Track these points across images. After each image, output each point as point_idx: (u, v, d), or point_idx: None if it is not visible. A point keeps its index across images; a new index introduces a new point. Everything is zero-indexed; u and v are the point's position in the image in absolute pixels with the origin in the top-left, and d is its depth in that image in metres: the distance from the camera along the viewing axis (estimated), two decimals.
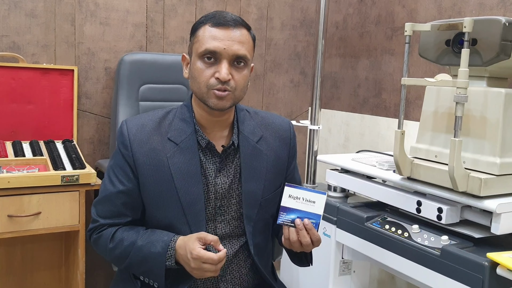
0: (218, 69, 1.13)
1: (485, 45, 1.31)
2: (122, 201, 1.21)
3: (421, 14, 2.08)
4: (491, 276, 1.19)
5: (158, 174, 1.19)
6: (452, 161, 1.27)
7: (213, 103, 1.16)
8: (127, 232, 1.21)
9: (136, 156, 1.19)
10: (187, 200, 1.18)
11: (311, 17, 2.70)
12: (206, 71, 1.14)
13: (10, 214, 1.65)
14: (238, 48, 1.14)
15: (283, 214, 1.15)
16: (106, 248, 1.22)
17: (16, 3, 2.01)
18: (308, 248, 1.15)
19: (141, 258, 1.17)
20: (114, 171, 1.23)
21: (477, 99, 1.35)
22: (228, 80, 1.13)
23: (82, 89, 2.17)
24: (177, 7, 2.33)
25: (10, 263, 2.06)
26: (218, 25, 1.14)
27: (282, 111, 2.70)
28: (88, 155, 2.21)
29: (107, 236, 1.22)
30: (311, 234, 1.13)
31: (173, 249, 1.14)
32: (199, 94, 1.17)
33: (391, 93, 2.24)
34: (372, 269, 2.18)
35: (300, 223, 1.12)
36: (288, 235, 1.14)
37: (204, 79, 1.15)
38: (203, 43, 1.14)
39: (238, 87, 1.16)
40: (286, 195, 1.15)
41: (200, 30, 1.16)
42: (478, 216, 1.34)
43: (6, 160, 1.78)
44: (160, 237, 1.18)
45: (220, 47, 1.13)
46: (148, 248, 1.16)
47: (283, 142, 1.33)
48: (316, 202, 1.13)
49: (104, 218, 1.23)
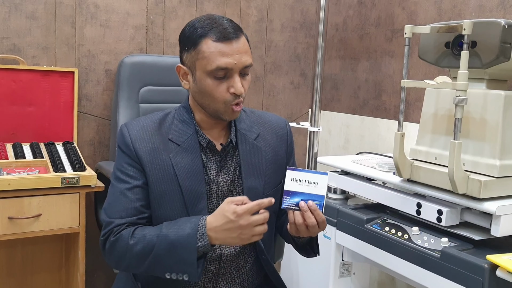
0: (232, 83, 1.15)
1: (485, 47, 1.32)
2: (138, 196, 1.18)
3: (420, 16, 2.08)
4: (491, 278, 1.19)
5: (162, 173, 1.19)
6: (451, 163, 1.27)
7: (230, 117, 1.19)
8: (149, 228, 1.15)
9: (139, 154, 1.19)
10: (190, 199, 1.19)
11: (311, 19, 2.70)
12: (220, 87, 1.15)
13: (11, 216, 1.66)
14: (246, 59, 1.15)
15: (287, 198, 1.14)
16: (126, 247, 1.13)
17: (16, 6, 2.01)
18: (314, 230, 1.15)
19: (168, 246, 1.10)
20: (123, 170, 1.20)
21: (477, 101, 1.35)
22: (242, 92, 1.16)
23: (83, 91, 2.17)
24: (177, 9, 2.33)
25: (10, 265, 2.06)
26: (222, 39, 1.13)
27: (282, 112, 2.70)
28: (89, 157, 2.21)
29: (127, 235, 1.14)
30: (316, 215, 1.12)
31: (204, 226, 1.09)
32: (213, 109, 1.18)
33: (391, 95, 2.25)
34: (372, 271, 2.17)
35: (305, 205, 1.12)
36: (293, 219, 1.14)
37: (219, 96, 1.15)
38: (213, 61, 1.13)
39: (245, 94, 1.19)
40: (288, 179, 1.14)
41: (203, 45, 1.14)
42: (478, 218, 1.34)
43: (6, 162, 1.78)
44: (187, 220, 1.13)
45: (231, 63, 1.13)
46: (175, 232, 1.10)
47: (280, 139, 1.34)
48: (318, 183, 1.13)
49: (120, 217, 1.17)
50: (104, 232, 1.18)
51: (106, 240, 1.17)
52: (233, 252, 1.24)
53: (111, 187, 1.22)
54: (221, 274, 1.24)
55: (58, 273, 2.15)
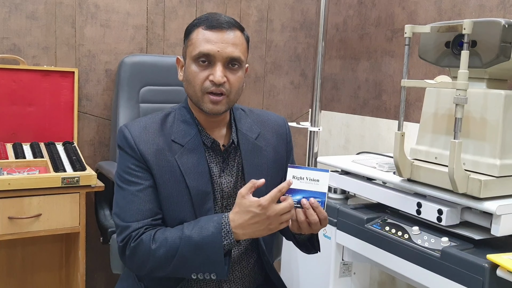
0: (213, 72, 1.14)
1: (485, 47, 1.32)
2: (150, 197, 1.16)
3: (421, 16, 2.08)
4: (491, 277, 1.18)
5: (168, 174, 1.17)
6: (452, 162, 1.27)
7: (208, 108, 1.16)
8: (169, 231, 1.13)
9: (145, 156, 1.17)
10: (198, 199, 1.18)
11: (311, 19, 2.70)
12: (201, 74, 1.15)
13: (11, 216, 1.66)
14: (232, 50, 1.15)
15: (289, 196, 1.14)
16: (148, 252, 1.11)
17: (17, 5, 2.01)
18: (316, 227, 1.14)
19: (193, 247, 1.08)
20: (130, 172, 1.17)
21: (477, 100, 1.35)
22: (223, 82, 1.14)
23: (83, 91, 2.18)
24: (177, 9, 2.33)
25: (10, 265, 2.06)
26: (211, 27, 1.14)
27: (282, 112, 2.70)
28: (89, 157, 2.21)
29: (148, 238, 1.11)
30: (318, 212, 1.12)
31: (228, 224, 1.08)
32: (194, 97, 1.18)
33: (391, 95, 2.25)
34: (373, 270, 2.17)
35: (306, 202, 1.12)
36: (295, 216, 1.14)
37: (198, 82, 1.15)
38: (197, 46, 1.14)
39: (233, 90, 1.17)
40: (290, 176, 1.14)
41: (194, 33, 1.17)
42: (478, 217, 1.34)
43: (6, 162, 1.78)
44: (208, 219, 1.11)
45: (214, 50, 1.13)
46: (199, 233, 1.09)
47: (280, 137, 1.34)
48: (320, 180, 1.13)
49: (136, 221, 1.13)
50: (122, 238, 1.14)
51: (125, 246, 1.13)
52: (236, 254, 1.24)
53: (119, 190, 1.19)
54: None
55: (58, 273, 2.15)
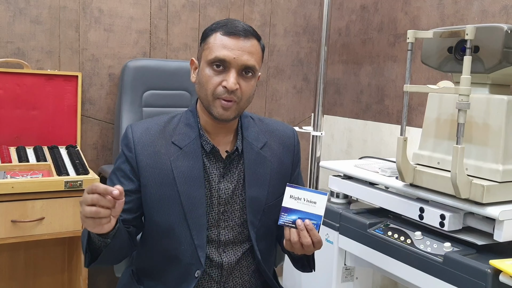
0: (226, 77, 1.15)
1: (487, 52, 1.32)
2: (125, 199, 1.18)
3: (423, 21, 2.09)
4: (494, 283, 1.18)
5: (161, 177, 1.19)
6: (454, 168, 1.27)
7: (218, 113, 1.17)
8: None
9: (139, 158, 1.20)
10: (189, 204, 1.19)
11: (314, 24, 2.71)
12: (214, 79, 1.16)
13: (14, 219, 1.66)
14: (247, 59, 1.15)
15: (284, 215, 1.14)
16: None
17: (21, 10, 2.03)
18: (309, 250, 1.15)
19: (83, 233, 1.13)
20: (116, 173, 1.24)
21: (480, 106, 1.35)
22: (235, 89, 1.15)
23: (86, 95, 2.18)
24: (180, 13, 2.34)
25: (13, 268, 2.06)
26: (229, 34, 1.15)
27: (284, 117, 2.70)
28: (92, 160, 2.22)
29: None
30: (312, 234, 1.12)
31: None
32: (205, 101, 1.19)
33: (394, 100, 2.25)
34: (375, 275, 2.17)
35: (301, 223, 1.12)
36: (289, 236, 1.14)
37: (211, 87, 1.16)
38: (213, 51, 1.15)
39: (244, 97, 1.18)
40: (287, 196, 1.15)
41: (211, 37, 1.17)
42: (481, 223, 1.34)
43: (10, 165, 1.78)
44: None
45: (230, 56, 1.14)
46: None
47: (287, 149, 1.33)
48: (317, 203, 1.13)
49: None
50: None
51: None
52: (233, 260, 1.24)
53: (108, 182, 1.24)
54: (223, 281, 1.24)
55: (60, 277, 2.15)
